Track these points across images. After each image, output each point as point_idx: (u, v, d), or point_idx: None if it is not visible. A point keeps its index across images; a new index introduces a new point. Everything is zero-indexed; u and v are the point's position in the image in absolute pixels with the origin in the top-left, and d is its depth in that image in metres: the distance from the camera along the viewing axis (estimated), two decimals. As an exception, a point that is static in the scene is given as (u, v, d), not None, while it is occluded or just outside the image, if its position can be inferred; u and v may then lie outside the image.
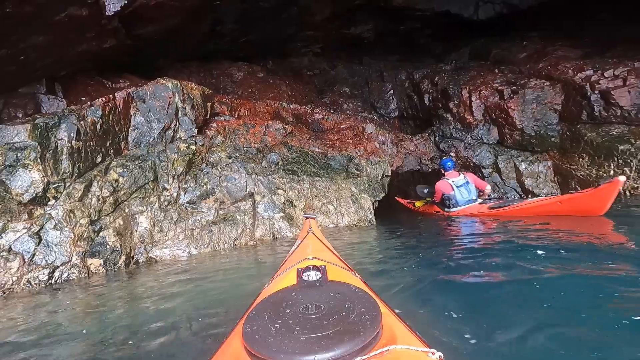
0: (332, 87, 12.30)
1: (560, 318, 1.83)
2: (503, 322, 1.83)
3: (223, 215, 5.34)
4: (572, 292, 2.07)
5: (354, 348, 0.80)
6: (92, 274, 4.02)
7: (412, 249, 4.08)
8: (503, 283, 2.37)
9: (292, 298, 1.05)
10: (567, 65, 7.51)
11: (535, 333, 1.63)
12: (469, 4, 10.83)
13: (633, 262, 2.44)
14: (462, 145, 8.42)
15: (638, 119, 6.31)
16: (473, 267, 2.73)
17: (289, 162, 6.64)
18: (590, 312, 1.84)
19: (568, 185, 7.07)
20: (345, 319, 0.90)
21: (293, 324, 0.91)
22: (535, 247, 2.94)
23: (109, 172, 4.51)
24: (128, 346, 2.11)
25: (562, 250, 2.86)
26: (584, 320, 1.78)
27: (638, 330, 1.59)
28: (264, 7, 9.13)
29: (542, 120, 7.50)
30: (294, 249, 1.95)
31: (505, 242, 3.46)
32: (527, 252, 2.83)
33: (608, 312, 1.80)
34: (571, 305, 1.93)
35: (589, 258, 2.58)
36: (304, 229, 2.35)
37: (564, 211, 4.31)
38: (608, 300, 1.92)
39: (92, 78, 6.83)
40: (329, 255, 1.70)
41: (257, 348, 0.84)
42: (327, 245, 1.99)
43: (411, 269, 3.02)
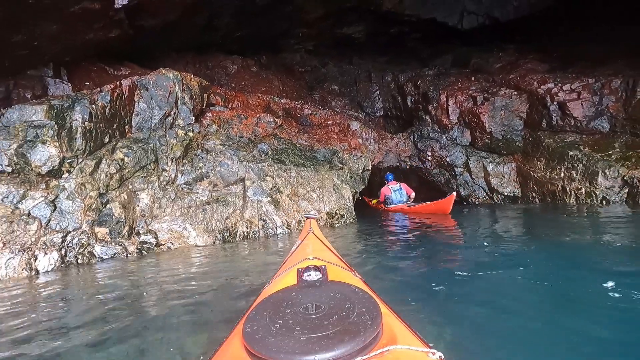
0: (322, 84, 12.88)
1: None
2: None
3: (216, 197, 5.91)
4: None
5: (354, 348, 0.80)
6: (99, 240, 4.54)
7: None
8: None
9: (293, 298, 1.05)
10: (534, 77, 8.32)
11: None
12: (454, 13, 11.51)
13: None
14: (437, 145, 9.17)
15: (588, 129, 7.16)
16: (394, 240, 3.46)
17: (277, 152, 7.23)
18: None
19: (527, 185, 7.91)
20: (345, 319, 0.90)
21: (293, 324, 0.91)
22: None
23: (116, 152, 5.02)
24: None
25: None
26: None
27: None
28: (259, 4, 9.62)
29: (508, 126, 8.30)
30: (295, 249, 1.96)
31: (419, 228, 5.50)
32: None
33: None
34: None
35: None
36: (305, 229, 2.35)
37: (434, 210, 7.14)
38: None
39: (95, 64, 7.23)
40: (330, 255, 1.71)
41: (258, 348, 0.84)
42: (328, 245, 2.00)
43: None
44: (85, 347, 2.01)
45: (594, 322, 1.91)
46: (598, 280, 2.37)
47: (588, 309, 2.10)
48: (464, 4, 11.35)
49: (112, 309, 2.65)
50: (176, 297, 2.82)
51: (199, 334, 2.11)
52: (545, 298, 2.35)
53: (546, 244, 3.92)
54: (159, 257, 4.57)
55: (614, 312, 2.02)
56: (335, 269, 1.45)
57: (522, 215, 6.52)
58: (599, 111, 7.08)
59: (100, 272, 3.96)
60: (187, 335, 2.09)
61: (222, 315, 2.35)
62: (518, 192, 8.11)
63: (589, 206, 6.33)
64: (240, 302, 2.58)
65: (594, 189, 6.39)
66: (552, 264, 3.09)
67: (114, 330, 2.21)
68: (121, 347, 1.97)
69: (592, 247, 3.67)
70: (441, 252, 4.03)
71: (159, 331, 2.17)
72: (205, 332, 2.12)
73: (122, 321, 2.36)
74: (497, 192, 8.35)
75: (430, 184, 9.85)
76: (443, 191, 9.60)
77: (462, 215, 6.99)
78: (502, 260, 3.38)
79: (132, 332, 2.17)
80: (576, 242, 3.95)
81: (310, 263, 1.36)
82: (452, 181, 9.14)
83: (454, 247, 4.31)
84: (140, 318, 2.43)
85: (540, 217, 6.26)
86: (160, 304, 2.73)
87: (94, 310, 2.64)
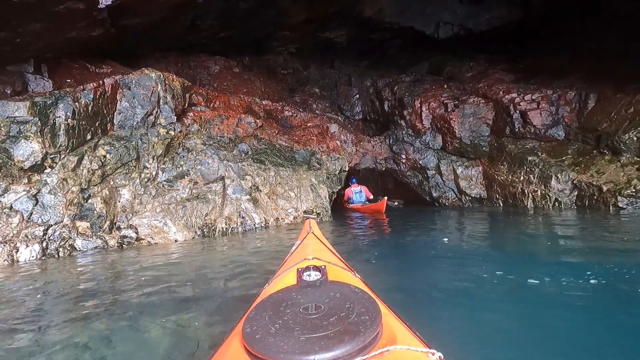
0: (303, 86, 13.19)
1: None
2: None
3: (196, 194, 6.13)
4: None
5: (354, 348, 0.81)
6: (80, 234, 4.70)
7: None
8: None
9: (292, 298, 1.05)
10: (500, 87, 8.92)
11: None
12: (431, 23, 12.06)
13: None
14: (411, 148, 9.66)
15: (546, 136, 7.78)
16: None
17: (257, 152, 7.50)
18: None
19: (492, 187, 8.48)
20: (345, 319, 0.90)
21: (293, 324, 0.91)
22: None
23: (98, 149, 5.18)
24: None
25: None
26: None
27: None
28: (243, 7, 9.85)
29: (476, 132, 8.87)
30: (294, 249, 1.97)
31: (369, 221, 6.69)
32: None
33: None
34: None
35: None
36: (304, 229, 2.35)
37: (374, 210, 8.50)
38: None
39: (76, 62, 7.30)
40: (329, 256, 1.72)
41: (257, 348, 0.84)
42: (327, 245, 2.00)
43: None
44: (58, 335, 2.11)
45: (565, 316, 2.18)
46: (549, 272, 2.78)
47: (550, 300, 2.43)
48: (440, 14, 11.92)
49: (88, 298, 2.82)
50: (151, 288, 3.04)
51: (171, 325, 2.24)
52: (501, 290, 2.67)
53: (506, 241, 4.40)
54: (139, 251, 4.77)
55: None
56: (335, 269, 1.46)
57: (487, 216, 7.05)
58: (556, 120, 7.71)
59: (80, 264, 4.14)
60: (159, 325, 2.23)
61: (196, 307, 2.52)
62: (484, 194, 8.68)
63: (543, 207, 6.92)
64: (214, 293, 2.85)
65: (548, 191, 6.99)
66: (511, 260, 3.52)
67: (89, 319, 2.35)
68: (94, 337, 2.09)
69: (545, 245, 4.17)
70: (401, 246, 4.43)
71: (133, 320, 2.31)
72: (178, 323, 2.25)
73: (97, 311, 2.52)
74: (465, 194, 8.90)
75: (405, 185, 10.34)
76: (416, 192, 10.11)
77: (433, 215, 7.49)
78: (465, 257, 3.81)
79: (106, 321, 2.31)
80: (533, 241, 4.44)
81: (310, 263, 1.37)
82: (424, 183, 9.64)
83: (418, 242, 4.73)
84: (116, 308, 2.58)
85: (503, 218, 6.77)
86: (135, 296, 2.92)
87: (70, 300, 2.82)
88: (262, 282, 2.86)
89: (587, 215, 5.92)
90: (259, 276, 3.18)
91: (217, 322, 2.21)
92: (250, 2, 9.85)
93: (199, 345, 1.93)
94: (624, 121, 6.49)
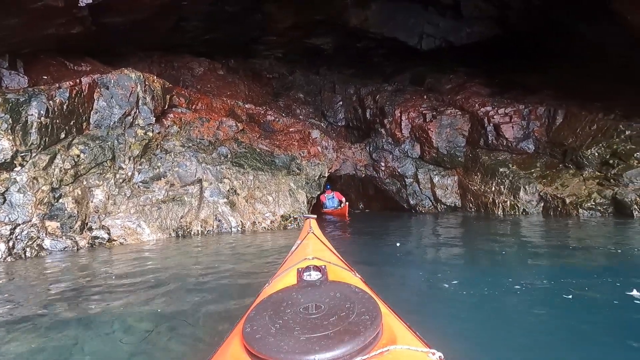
0: (288, 91, 13.30)
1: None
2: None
3: (172, 196, 6.12)
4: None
5: (354, 348, 0.81)
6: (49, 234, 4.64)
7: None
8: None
9: (293, 298, 1.05)
10: (476, 100, 9.25)
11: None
12: (414, 35, 12.37)
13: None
14: (390, 156, 9.88)
15: (517, 149, 8.12)
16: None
17: (237, 156, 7.54)
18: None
19: (466, 196, 8.76)
20: (345, 319, 0.90)
21: (293, 324, 0.91)
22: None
23: (72, 148, 5.13)
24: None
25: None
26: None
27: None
28: (229, 11, 9.89)
29: (453, 142, 9.16)
30: (294, 249, 1.96)
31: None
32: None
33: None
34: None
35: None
36: (304, 229, 2.33)
37: (340, 213, 9.43)
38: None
39: (54, 58, 7.19)
40: (330, 255, 1.71)
41: (257, 348, 0.84)
42: (328, 245, 2.00)
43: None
44: (21, 337, 2.10)
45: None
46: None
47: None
48: (423, 27, 12.24)
49: (53, 299, 2.82)
50: (118, 287, 3.07)
51: (138, 323, 2.29)
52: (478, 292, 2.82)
53: (474, 250, 4.61)
54: (110, 251, 4.74)
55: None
56: (335, 269, 1.46)
57: (461, 223, 7.28)
58: (526, 134, 8.06)
59: (47, 264, 4.09)
60: (125, 324, 2.27)
61: (165, 306, 2.57)
62: (458, 203, 8.95)
63: (512, 217, 7.21)
64: (184, 293, 2.89)
65: (516, 202, 7.29)
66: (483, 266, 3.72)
67: (52, 321, 2.34)
68: (58, 338, 2.08)
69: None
70: (369, 249, 4.57)
71: (98, 322, 2.33)
72: (144, 322, 2.30)
73: (61, 311, 2.51)
74: (441, 202, 9.16)
75: (384, 193, 10.54)
76: (395, 200, 10.32)
77: (407, 221, 7.70)
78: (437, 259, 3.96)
79: (71, 322, 2.31)
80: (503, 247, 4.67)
81: (310, 263, 1.37)
82: (402, 190, 9.86)
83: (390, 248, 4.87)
84: (80, 309, 2.58)
85: (475, 225, 7.03)
86: (102, 295, 2.95)
87: (33, 300, 2.81)
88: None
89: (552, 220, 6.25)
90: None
91: (181, 326, 2.25)
92: (236, 6, 9.92)
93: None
94: (588, 137, 6.86)
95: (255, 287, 3.02)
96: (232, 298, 2.70)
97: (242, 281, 3.22)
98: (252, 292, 2.99)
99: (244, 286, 3.03)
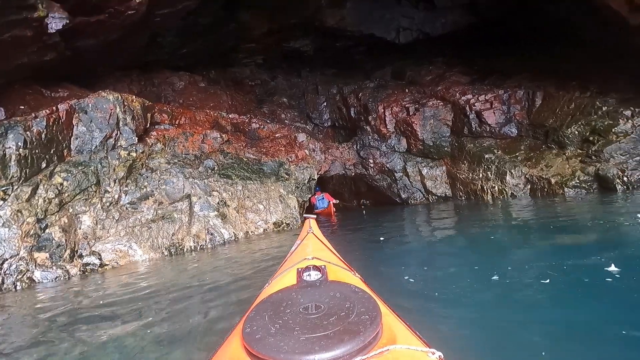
0: (271, 97, 13.29)
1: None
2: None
3: (162, 214, 6.09)
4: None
5: (354, 348, 0.81)
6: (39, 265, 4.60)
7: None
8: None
9: (292, 298, 1.05)
10: (457, 89, 9.35)
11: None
12: (391, 29, 12.46)
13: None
14: (378, 153, 9.93)
15: (500, 134, 8.22)
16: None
17: (224, 167, 7.53)
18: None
19: (456, 185, 8.84)
20: (345, 319, 0.90)
21: (293, 324, 0.91)
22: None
23: (54, 177, 5.09)
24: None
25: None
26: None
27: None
28: (202, 23, 9.88)
29: (438, 133, 9.24)
30: (294, 249, 1.96)
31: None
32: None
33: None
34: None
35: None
36: (304, 229, 2.31)
37: (327, 213, 9.51)
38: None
39: (30, 87, 7.11)
40: (329, 255, 1.71)
41: (257, 348, 0.84)
42: (327, 245, 2.00)
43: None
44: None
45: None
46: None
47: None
48: (398, 21, 12.33)
49: (45, 331, 2.80)
50: (114, 317, 3.05)
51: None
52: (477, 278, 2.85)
53: (474, 235, 4.67)
54: (103, 276, 4.71)
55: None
56: (335, 269, 1.46)
57: (453, 213, 7.36)
58: (508, 118, 8.17)
59: (40, 296, 4.05)
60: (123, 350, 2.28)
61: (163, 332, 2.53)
62: (449, 193, 9.03)
63: (502, 201, 7.30)
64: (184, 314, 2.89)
65: (504, 186, 7.38)
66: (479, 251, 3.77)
67: (46, 352, 2.34)
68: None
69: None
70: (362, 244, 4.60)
71: (93, 349, 2.33)
72: (145, 345, 2.29)
73: (54, 342, 2.50)
74: (432, 194, 9.23)
75: (375, 189, 10.59)
76: (387, 195, 10.38)
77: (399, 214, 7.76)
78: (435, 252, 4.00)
79: (64, 352, 2.30)
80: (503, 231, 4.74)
81: (310, 263, 1.37)
82: (393, 185, 9.92)
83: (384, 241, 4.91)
84: (73, 337, 2.57)
85: (468, 214, 7.11)
86: (95, 321, 2.94)
87: (26, 335, 2.80)
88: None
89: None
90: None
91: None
92: (208, 18, 9.91)
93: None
94: (567, 116, 6.97)
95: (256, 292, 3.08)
96: (235, 311, 2.67)
97: (242, 289, 3.23)
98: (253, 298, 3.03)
99: (245, 293, 3.04)
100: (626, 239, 3.56)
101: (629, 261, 2.71)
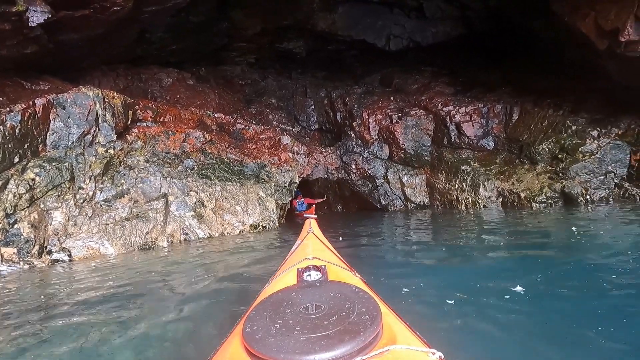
0: (260, 97, 13.33)
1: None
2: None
3: (136, 213, 6.14)
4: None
5: (354, 348, 0.81)
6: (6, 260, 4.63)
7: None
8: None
9: (293, 298, 1.05)
10: (439, 100, 9.52)
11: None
12: (382, 36, 12.59)
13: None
14: (360, 159, 10.06)
15: (478, 146, 8.40)
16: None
17: (204, 168, 7.59)
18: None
19: (433, 194, 9.01)
20: (345, 319, 0.90)
21: (293, 324, 0.91)
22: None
23: (26, 172, 5.11)
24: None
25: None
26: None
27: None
28: (193, 21, 9.88)
29: (419, 142, 9.40)
30: (294, 249, 1.95)
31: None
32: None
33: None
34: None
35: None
36: (304, 229, 2.30)
37: (308, 213, 9.20)
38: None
39: (10, 78, 7.07)
40: (330, 255, 1.71)
41: (257, 348, 0.84)
42: (328, 245, 2.00)
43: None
44: None
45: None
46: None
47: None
48: (390, 28, 12.47)
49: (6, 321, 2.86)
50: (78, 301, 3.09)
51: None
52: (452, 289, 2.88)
53: (446, 246, 4.80)
54: (70, 267, 4.72)
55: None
56: (335, 269, 1.46)
57: (430, 222, 7.52)
58: (486, 132, 8.36)
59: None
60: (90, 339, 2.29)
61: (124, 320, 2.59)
62: (427, 201, 9.20)
63: (475, 212, 7.48)
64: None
65: (477, 198, 7.57)
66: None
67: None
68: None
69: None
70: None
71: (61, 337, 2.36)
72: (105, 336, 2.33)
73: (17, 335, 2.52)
74: (411, 201, 9.39)
75: (357, 194, 10.73)
76: (368, 201, 10.52)
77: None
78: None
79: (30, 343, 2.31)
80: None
81: (310, 263, 1.37)
82: (374, 191, 10.06)
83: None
84: (40, 327, 2.59)
85: (443, 224, 7.27)
86: (63, 311, 2.97)
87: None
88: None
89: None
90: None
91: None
92: (200, 16, 9.91)
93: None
94: (540, 133, 7.17)
95: (231, 289, 3.16)
96: (229, 305, 2.73)
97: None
98: (230, 293, 3.06)
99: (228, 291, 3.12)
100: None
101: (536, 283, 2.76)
